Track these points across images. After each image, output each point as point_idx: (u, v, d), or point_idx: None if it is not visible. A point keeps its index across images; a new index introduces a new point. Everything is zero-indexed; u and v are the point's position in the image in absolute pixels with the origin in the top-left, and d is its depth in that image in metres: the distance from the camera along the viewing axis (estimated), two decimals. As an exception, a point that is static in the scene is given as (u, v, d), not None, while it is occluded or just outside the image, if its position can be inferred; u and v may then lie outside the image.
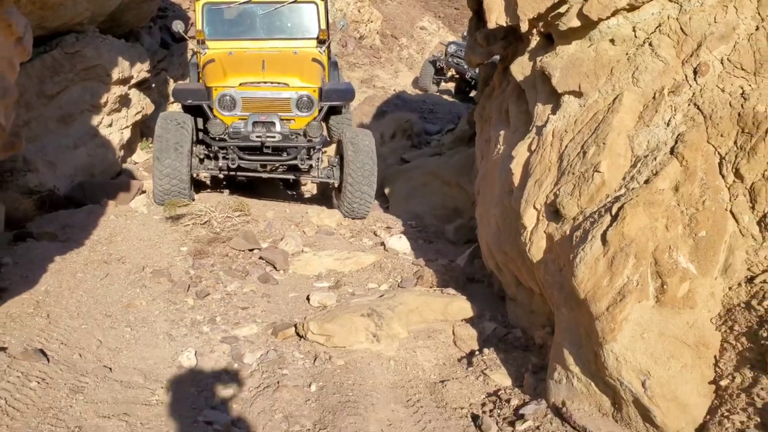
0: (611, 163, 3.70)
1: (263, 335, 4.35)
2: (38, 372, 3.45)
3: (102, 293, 4.74)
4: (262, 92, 6.90)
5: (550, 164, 4.09)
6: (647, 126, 3.82)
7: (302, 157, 7.15)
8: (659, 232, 3.30)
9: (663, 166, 3.53)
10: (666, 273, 3.19)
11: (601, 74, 4.13)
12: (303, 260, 5.93)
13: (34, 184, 7.16)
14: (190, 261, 5.65)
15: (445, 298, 4.74)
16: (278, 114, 6.90)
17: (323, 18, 7.82)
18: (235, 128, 6.89)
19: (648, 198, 3.37)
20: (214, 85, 6.89)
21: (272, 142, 6.90)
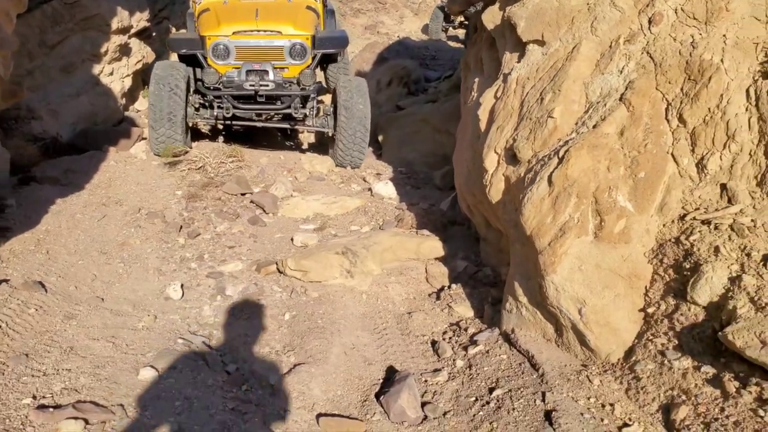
0: (564, 109, 3.93)
1: (247, 271, 4.69)
2: (36, 300, 3.81)
3: (99, 233, 5.08)
4: (255, 40, 6.98)
5: (512, 110, 4.32)
6: (602, 73, 4.03)
7: (296, 106, 7.20)
8: (601, 173, 3.55)
9: (611, 112, 3.76)
10: (605, 211, 3.46)
11: (562, 24, 4.32)
12: (291, 204, 6.23)
13: (38, 132, 7.46)
14: (184, 204, 5.97)
15: (418, 238, 5.04)
16: (271, 62, 6.99)
17: None
18: (229, 77, 6.97)
19: (592, 141, 3.61)
20: (207, 34, 6.98)
21: (265, 90, 6.96)
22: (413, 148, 8.58)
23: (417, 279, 4.83)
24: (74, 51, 8.21)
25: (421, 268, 4.94)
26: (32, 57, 7.74)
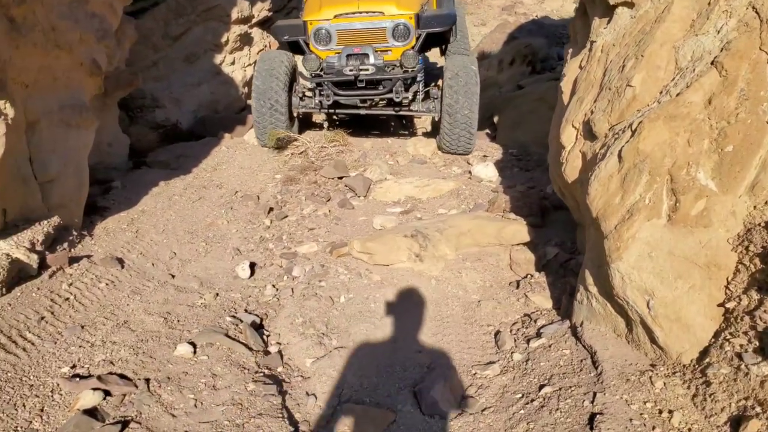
0: (647, 76, 3.47)
1: (321, 253, 4.64)
2: (110, 276, 4.00)
3: (190, 213, 5.27)
4: (356, 23, 6.64)
5: (593, 81, 3.91)
6: (696, 35, 3.52)
7: (398, 90, 6.78)
8: (679, 147, 3.10)
9: (699, 77, 3.27)
10: (681, 190, 3.01)
11: (654, -19, 3.83)
12: (384, 187, 6.13)
13: (160, 119, 7.93)
14: (280, 187, 6.06)
15: (500, 222, 4.73)
16: (373, 45, 6.65)
17: None
18: (329, 63, 6.70)
19: (671, 111, 3.15)
20: (309, 18, 6.76)
21: (366, 75, 6.63)
22: (528, 129, 8.15)
23: (496, 265, 4.54)
24: (196, 42, 8.63)
25: (503, 255, 4.64)
26: (157, 49, 8.23)
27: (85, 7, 4.85)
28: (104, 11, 5.32)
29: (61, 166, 4.52)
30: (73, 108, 4.71)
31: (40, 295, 3.57)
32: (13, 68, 3.97)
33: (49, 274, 3.82)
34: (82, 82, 4.92)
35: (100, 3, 5.21)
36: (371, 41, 6.69)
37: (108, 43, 5.37)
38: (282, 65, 6.93)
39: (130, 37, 6.88)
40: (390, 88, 6.74)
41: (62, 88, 4.68)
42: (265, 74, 6.87)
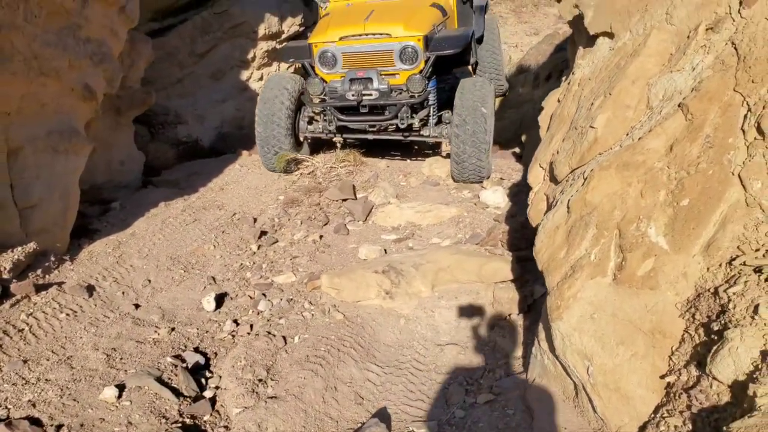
0: (612, 116, 3.22)
1: (297, 284, 4.55)
2: (74, 305, 4.02)
3: (179, 237, 5.27)
4: (361, 45, 6.37)
5: (566, 117, 3.67)
6: (671, 71, 3.24)
7: (403, 116, 6.46)
8: (631, 199, 2.84)
9: (664, 120, 3.00)
10: (628, 247, 2.76)
11: (634, 11, 3.56)
12: (385, 212, 5.99)
13: (182, 136, 8.03)
14: (279, 209, 6.00)
15: (481, 258, 4.52)
16: (379, 69, 6.37)
17: None
18: (332, 87, 6.48)
19: (625, 159, 2.90)
20: (314, 41, 6.55)
21: (369, 100, 6.37)
22: (554, 150, 7.83)
23: (474, 304, 4.33)
24: (223, 58, 8.70)
25: (484, 292, 4.42)
26: (183, 66, 8.34)
27: (77, 33, 4.92)
28: (103, 35, 5.39)
29: (44, 192, 4.59)
30: (61, 134, 4.78)
31: (-7, 327, 3.60)
32: (-12, 98, 4.04)
33: (11, 303, 3.87)
34: (73, 107, 4.99)
35: (98, 28, 5.28)
36: (377, 64, 6.44)
37: (107, 67, 5.43)
38: (287, 90, 6.80)
39: (146, 56, 6.98)
40: (395, 113, 6.46)
41: (51, 114, 4.75)
42: (268, 100, 6.77)
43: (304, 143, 7.30)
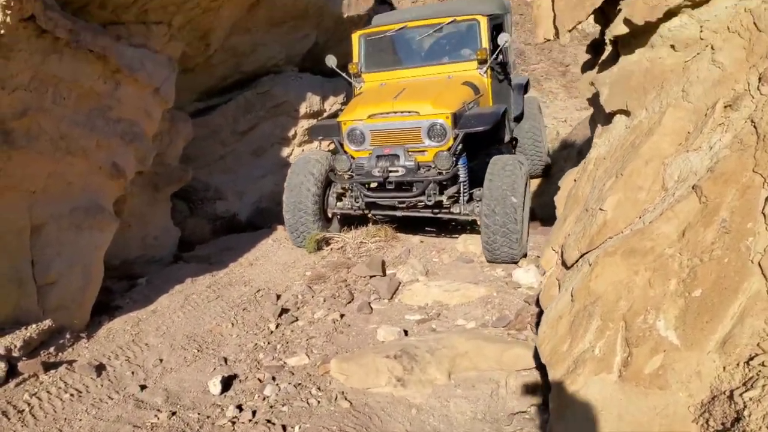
0: (624, 198, 3.04)
1: (308, 367, 4.40)
2: (80, 385, 3.97)
3: (199, 314, 5.23)
4: (390, 123, 6.44)
5: (580, 198, 3.50)
6: (687, 151, 3.06)
7: (430, 193, 6.40)
8: (638, 289, 2.63)
9: (677, 203, 2.80)
10: (635, 341, 2.53)
11: (650, 89, 3.42)
12: (412, 290, 5.83)
13: (221, 211, 8.14)
14: (304, 286, 5.92)
15: (502, 344, 4.28)
16: (407, 146, 6.42)
17: (485, 36, 7.22)
18: (359, 164, 6.56)
19: (633, 245, 2.70)
20: (343, 119, 6.69)
21: (395, 177, 6.38)
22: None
23: (494, 394, 4.07)
24: (264, 136, 8.89)
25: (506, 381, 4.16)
26: (225, 143, 8.54)
27: (108, 113, 5.08)
28: (136, 116, 5.55)
29: (65, 268, 4.64)
30: (86, 211, 4.87)
31: (-7, 406, 3.58)
32: (12, 177, 4.15)
33: (17, 382, 3.85)
34: (101, 185, 5.10)
35: (131, 108, 5.45)
36: (405, 141, 6.45)
37: (139, 146, 5.58)
38: (312, 175, 6.82)
39: (185, 135, 7.17)
40: (422, 190, 6.38)
41: (77, 191, 4.86)
42: (294, 187, 6.83)
43: (334, 219, 7.28)
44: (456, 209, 6.65)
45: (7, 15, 3.50)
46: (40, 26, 4.12)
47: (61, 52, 4.43)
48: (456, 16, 7.24)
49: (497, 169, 6.27)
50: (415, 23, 7.45)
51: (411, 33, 7.59)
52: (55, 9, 4.30)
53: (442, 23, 7.28)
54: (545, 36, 3.86)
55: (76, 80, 4.60)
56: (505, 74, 7.98)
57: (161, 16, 6.38)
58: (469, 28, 7.33)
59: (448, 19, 7.24)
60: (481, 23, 7.22)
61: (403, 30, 7.51)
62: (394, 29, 7.49)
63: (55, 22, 4.21)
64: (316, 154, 7.09)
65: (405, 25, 7.47)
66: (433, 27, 7.33)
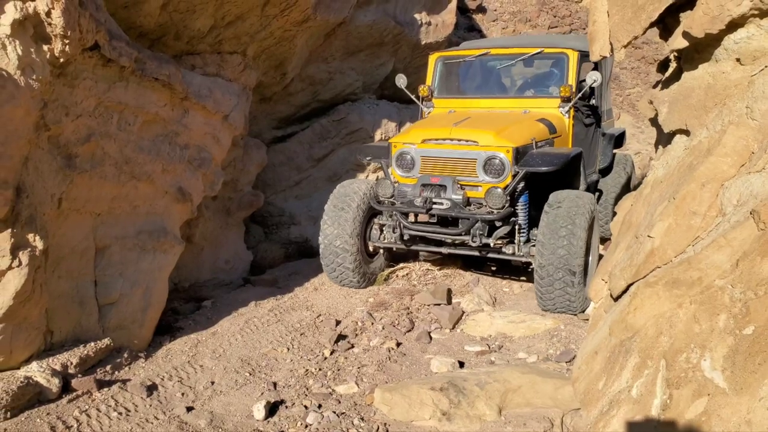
0: (675, 224, 2.78)
1: (356, 396, 4.30)
2: (129, 404, 4.04)
3: (257, 338, 5.24)
4: (443, 150, 5.88)
5: (633, 224, 3.23)
6: (749, 173, 2.77)
7: (475, 233, 5.76)
8: (681, 323, 2.37)
9: (732, 230, 2.53)
10: (675, 382, 2.27)
11: (711, 106, 3.14)
12: (476, 320, 5.65)
13: (294, 236, 8.24)
14: (365, 312, 5.84)
15: (559, 380, 4.01)
16: (458, 177, 5.83)
17: (572, 72, 6.52)
18: (402, 190, 5.98)
19: (677, 275, 2.45)
20: (395, 141, 6.19)
21: (439, 209, 5.75)
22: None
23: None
24: (339, 162, 8.96)
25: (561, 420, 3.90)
26: (300, 170, 8.67)
27: (174, 139, 5.24)
28: (204, 142, 5.71)
29: (126, 289, 4.78)
30: (150, 234, 5.02)
31: (43, 422, 3.68)
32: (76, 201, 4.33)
33: (70, 398, 3.96)
34: (167, 208, 5.25)
35: (199, 135, 5.61)
36: (458, 173, 5.87)
37: (206, 171, 5.72)
38: (352, 201, 6.21)
39: (258, 162, 7.33)
40: (467, 228, 5.76)
41: (142, 214, 5.02)
42: (332, 217, 6.23)
43: (379, 255, 6.70)
44: (509, 249, 5.95)
45: (66, 45, 3.66)
46: (105, 55, 4.30)
47: (127, 80, 4.61)
48: (544, 48, 6.68)
49: (554, 199, 5.65)
50: (498, 51, 6.95)
51: (492, 61, 7.07)
52: (121, 38, 4.49)
53: (528, 54, 6.69)
54: (601, 53, 3.64)
55: (141, 107, 4.77)
56: (595, 119, 7.21)
57: (235, 46, 6.60)
58: (556, 62, 6.74)
59: (534, 50, 6.67)
60: (570, 58, 6.54)
61: (485, 57, 7.02)
62: (475, 55, 7.02)
63: (120, 51, 4.38)
64: (357, 183, 6.52)
65: (487, 52, 6.97)
66: (517, 57, 6.75)
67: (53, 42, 3.65)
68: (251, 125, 8.14)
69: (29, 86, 3.55)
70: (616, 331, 2.48)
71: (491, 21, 17.63)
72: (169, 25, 5.71)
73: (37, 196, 3.90)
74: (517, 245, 5.90)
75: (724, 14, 3.04)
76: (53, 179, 4.07)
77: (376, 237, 6.47)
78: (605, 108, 7.49)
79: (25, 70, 3.54)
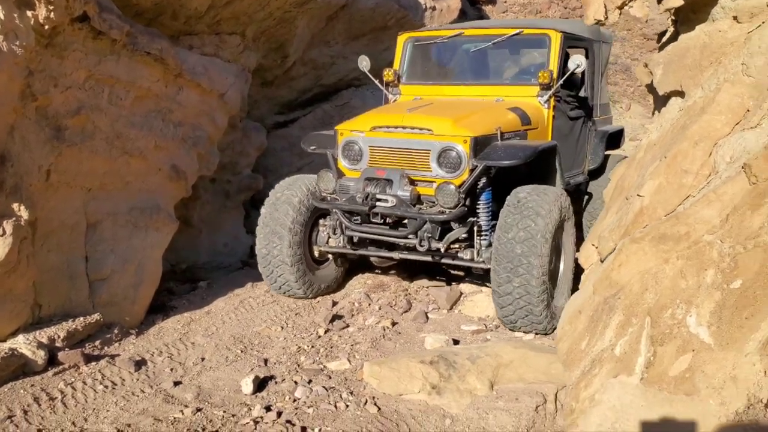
0: (665, 182, 2.68)
1: (347, 372, 4.24)
2: (117, 378, 4.00)
3: (251, 317, 5.19)
4: (394, 140, 5.04)
5: (625, 188, 3.14)
6: (743, 129, 2.67)
7: (423, 236, 4.90)
8: (668, 279, 2.28)
9: (723, 185, 2.43)
10: (660, 339, 2.18)
11: (706, 65, 3.05)
12: (474, 301, 5.57)
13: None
14: (363, 294, 5.77)
15: (552, 354, 3.89)
16: (409, 171, 4.97)
17: (554, 56, 5.60)
18: (344, 185, 5.15)
19: (663, 231, 2.36)
20: (341, 129, 5.32)
21: (382, 207, 4.91)
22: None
23: (542, 408, 3.72)
24: (342, 148, 8.86)
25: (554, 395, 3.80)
26: (302, 156, 8.56)
27: (167, 116, 5.19)
28: (199, 121, 5.65)
29: (117, 265, 4.73)
30: (143, 210, 4.97)
31: (27, 393, 3.64)
32: (65, 173, 4.29)
33: (56, 371, 3.92)
34: (161, 185, 5.20)
35: (194, 112, 5.55)
36: (410, 166, 5.01)
37: (201, 150, 5.66)
38: (294, 198, 5.39)
39: (258, 145, 7.27)
40: (413, 230, 4.90)
41: (135, 191, 4.98)
42: (268, 218, 5.39)
43: (331, 261, 5.83)
44: (467, 255, 5.04)
45: (50, 11, 3.61)
46: (95, 28, 4.25)
47: (118, 54, 4.57)
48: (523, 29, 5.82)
49: (512, 204, 4.72)
50: (473, 31, 6.15)
51: (467, 44, 6.18)
52: (112, 11, 4.44)
53: (506, 35, 5.77)
54: (595, 16, 3.54)
55: (133, 81, 4.72)
56: (585, 112, 6.36)
57: (234, 26, 6.53)
58: (537, 44, 5.89)
59: (512, 31, 5.78)
60: (552, 39, 5.62)
61: (459, 39, 6.14)
62: (447, 36, 6.16)
63: (110, 23, 4.34)
64: (301, 179, 5.61)
65: (461, 32, 6.11)
66: (493, 38, 5.84)
67: (37, 8, 3.60)
68: (253, 110, 8.09)
69: (12, 52, 3.50)
70: (600, 288, 2.39)
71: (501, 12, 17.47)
72: (165, 4, 5.64)
73: (23, 165, 3.86)
74: (476, 250, 5.02)
75: (719, -32, 2.94)
76: (41, 150, 4.03)
77: (323, 241, 5.59)
78: (599, 102, 6.67)
79: (8, 35, 3.49)
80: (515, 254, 4.41)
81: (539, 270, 4.31)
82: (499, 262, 4.54)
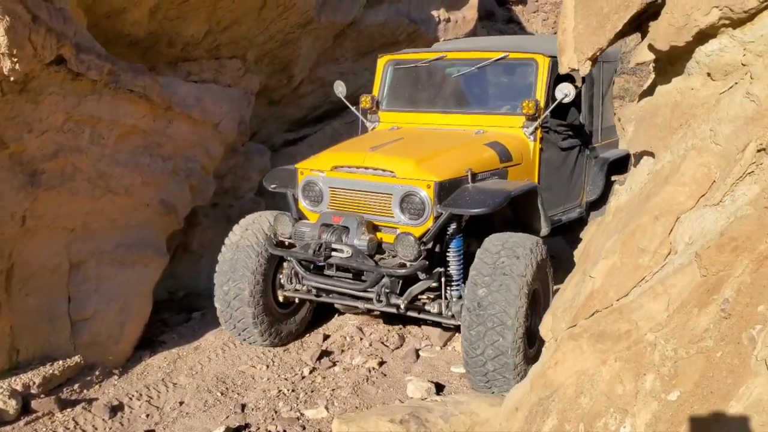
0: (619, 263, 2.51)
1: (323, 422, 4.16)
2: (89, 427, 4.00)
3: (238, 353, 5.14)
4: (354, 181, 4.63)
5: (591, 255, 2.96)
6: (706, 205, 2.48)
7: (381, 290, 4.47)
8: (604, 383, 2.11)
9: (673, 275, 2.25)
10: (591, 452, 2.02)
11: (676, 127, 2.84)
12: (468, 337, 5.41)
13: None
14: (356, 327, 5.67)
15: (529, 412, 3.76)
16: (370, 216, 4.56)
17: (541, 83, 5.11)
18: (299, 231, 4.71)
19: (603, 327, 2.19)
20: (302, 167, 4.92)
21: (337, 258, 4.51)
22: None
23: (515, 470, 3.58)
24: (352, 165, 8.77)
25: (531, 455, 3.66)
26: (312, 173, 8.53)
27: (156, 150, 5.15)
28: (192, 152, 5.60)
29: (101, 304, 4.72)
30: (129, 247, 4.95)
31: (-6, 445, 3.65)
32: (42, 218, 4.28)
33: (27, 420, 3.93)
34: (149, 221, 5.17)
35: (186, 145, 5.50)
36: (371, 211, 4.60)
37: (194, 182, 5.62)
38: (256, 238, 4.96)
39: (261, 168, 7.21)
40: (370, 284, 4.49)
41: (122, 228, 4.96)
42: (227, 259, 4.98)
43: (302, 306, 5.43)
44: (434, 308, 4.62)
45: (15, 63, 3.59)
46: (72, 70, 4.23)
47: (100, 93, 4.52)
48: (510, 52, 5.33)
49: (481, 258, 4.30)
50: (456, 54, 5.70)
51: (450, 68, 5.72)
52: (92, 51, 4.40)
53: (490, 59, 5.33)
54: (569, 65, 3.34)
55: (116, 120, 4.68)
56: (581, 140, 5.86)
57: (234, 50, 6.49)
58: (523, 70, 5.37)
59: (497, 55, 5.32)
60: (539, 65, 5.14)
61: (442, 63, 5.69)
62: (429, 59, 5.69)
63: (88, 64, 4.29)
64: (264, 216, 5.18)
65: (443, 55, 5.68)
66: (477, 62, 5.40)
67: (1, 61, 3.57)
68: (261, 129, 8.06)
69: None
70: (536, 386, 2.24)
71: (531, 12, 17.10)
72: (160, 32, 5.63)
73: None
74: (444, 303, 4.59)
75: (690, 24, 2.73)
76: (14, 197, 4.02)
77: (287, 284, 5.15)
78: (600, 126, 6.14)
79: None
80: (488, 306, 4.08)
81: (512, 322, 4.02)
82: (470, 315, 4.16)
